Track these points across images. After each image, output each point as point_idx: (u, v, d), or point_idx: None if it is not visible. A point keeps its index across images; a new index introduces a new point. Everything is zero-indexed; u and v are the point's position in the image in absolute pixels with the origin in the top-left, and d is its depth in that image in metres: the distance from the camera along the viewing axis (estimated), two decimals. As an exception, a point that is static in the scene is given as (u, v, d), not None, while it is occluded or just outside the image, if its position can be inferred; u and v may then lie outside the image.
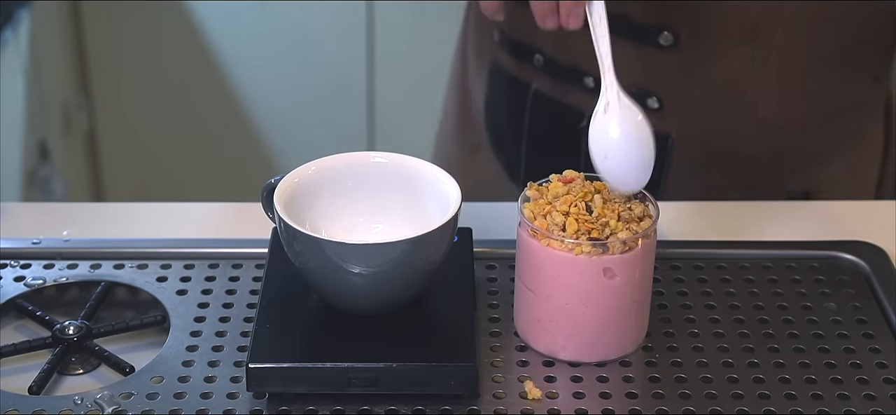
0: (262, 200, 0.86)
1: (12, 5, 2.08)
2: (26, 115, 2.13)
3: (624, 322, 0.83)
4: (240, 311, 0.88)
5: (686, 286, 0.91)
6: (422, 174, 0.87)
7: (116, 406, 0.79)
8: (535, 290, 0.83)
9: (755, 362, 0.83)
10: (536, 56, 1.14)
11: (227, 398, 0.80)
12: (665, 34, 1.08)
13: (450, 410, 0.79)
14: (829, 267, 0.94)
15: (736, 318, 0.88)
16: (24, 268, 0.93)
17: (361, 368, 0.79)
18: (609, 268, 0.80)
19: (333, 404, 0.79)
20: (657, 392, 0.81)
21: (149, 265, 0.93)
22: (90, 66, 2.39)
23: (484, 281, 0.91)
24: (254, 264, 0.93)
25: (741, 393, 0.80)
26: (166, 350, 0.84)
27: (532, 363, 0.83)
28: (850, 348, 0.85)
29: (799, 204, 1.07)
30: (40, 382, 0.81)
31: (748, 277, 0.92)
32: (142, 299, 0.91)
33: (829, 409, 0.79)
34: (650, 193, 0.84)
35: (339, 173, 0.88)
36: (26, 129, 2.13)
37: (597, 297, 0.81)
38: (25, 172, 2.13)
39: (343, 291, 0.82)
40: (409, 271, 0.81)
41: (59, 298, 0.92)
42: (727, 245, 0.96)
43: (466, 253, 0.89)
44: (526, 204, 0.83)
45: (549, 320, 0.83)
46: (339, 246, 0.79)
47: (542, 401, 0.80)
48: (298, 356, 0.80)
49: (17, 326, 0.90)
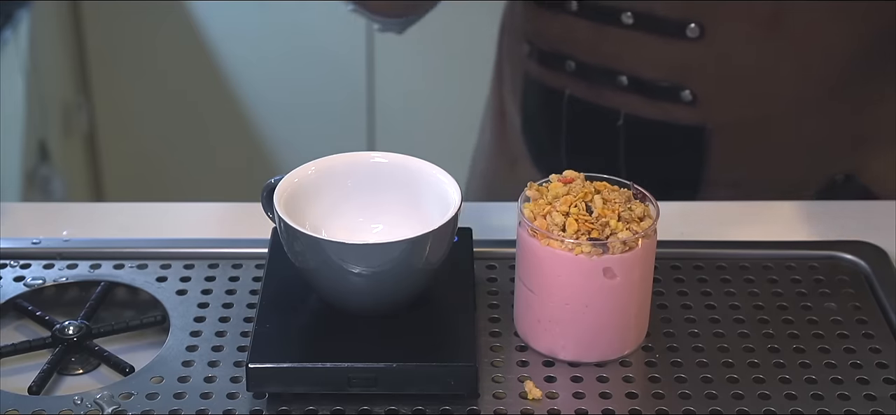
0: (262, 200, 0.86)
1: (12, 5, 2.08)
2: (26, 115, 2.13)
3: (624, 322, 0.83)
4: (240, 311, 0.88)
5: (686, 286, 0.91)
6: (422, 174, 0.87)
7: (116, 406, 0.79)
8: (536, 290, 0.83)
9: (755, 362, 0.83)
10: (567, 62, 1.15)
11: (227, 398, 0.80)
12: (691, 26, 1.08)
13: (450, 410, 0.79)
14: (829, 267, 0.94)
15: (736, 318, 0.88)
16: (23, 268, 0.93)
17: (361, 368, 0.79)
18: (609, 268, 0.80)
19: (333, 404, 0.79)
20: (657, 392, 0.81)
21: (149, 265, 0.93)
22: (90, 66, 2.39)
23: (484, 281, 0.91)
24: (254, 264, 0.93)
25: (741, 393, 0.80)
26: (166, 350, 0.84)
27: (532, 363, 0.83)
28: (850, 348, 0.85)
29: (799, 204, 1.07)
30: (40, 382, 0.81)
31: (748, 277, 0.92)
32: (142, 299, 0.91)
33: (829, 409, 0.79)
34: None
35: (339, 173, 0.88)
36: (26, 129, 2.13)
37: (597, 297, 0.81)
38: (25, 172, 2.13)
39: (343, 291, 0.82)
40: (409, 271, 0.81)
41: (58, 298, 0.92)
42: (727, 245, 0.96)
43: (466, 253, 0.89)
44: (526, 204, 0.83)
45: (549, 320, 0.83)
46: (339, 246, 0.79)
47: (542, 401, 0.80)
48: (298, 356, 0.80)
49: (16, 326, 0.90)
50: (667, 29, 1.09)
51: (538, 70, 1.18)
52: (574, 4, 1.12)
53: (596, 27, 1.12)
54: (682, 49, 1.09)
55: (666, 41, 1.10)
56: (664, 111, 1.12)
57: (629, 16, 1.10)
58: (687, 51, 1.09)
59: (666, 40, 1.09)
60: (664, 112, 1.12)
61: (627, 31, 1.10)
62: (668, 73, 1.11)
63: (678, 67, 1.11)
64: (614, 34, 1.11)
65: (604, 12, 1.11)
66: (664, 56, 1.10)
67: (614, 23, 1.11)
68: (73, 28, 2.35)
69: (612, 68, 1.13)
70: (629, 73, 1.12)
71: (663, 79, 1.11)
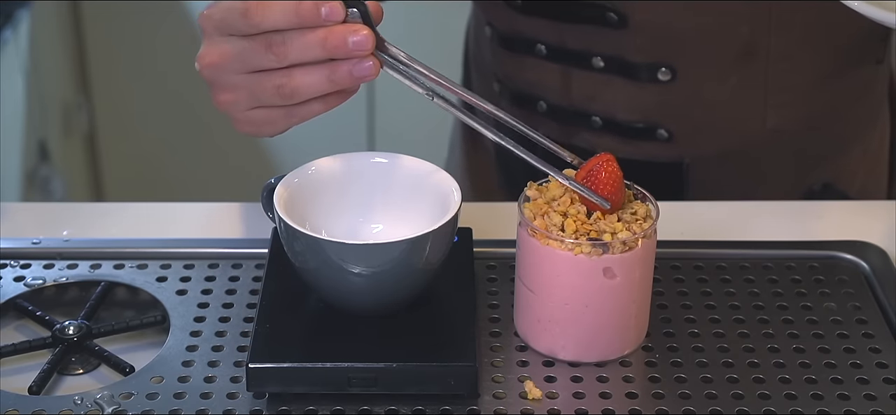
0: (262, 200, 0.86)
1: (12, 5, 2.08)
2: (26, 115, 2.13)
3: (624, 322, 0.83)
4: (240, 311, 0.88)
5: (686, 286, 0.91)
6: (422, 174, 0.87)
7: (116, 406, 0.79)
8: (536, 290, 0.83)
9: (755, 362, 0.83)
10: (539, 103, 1.14)
11: (227, 398, 0.80)
12: (663, 69, 1.08)
13: (450, 410, 0.79)
14: (829, 267, 0.94)
15: (736, 318, 0.88)
16: (24, 268, 0.93)
17: (361, 368, 0.79)
18: (609, 268, 0.80)
19: (333, 404, 0.79)
20: (657, 392, 0.81)
21: (149, 265, 0.93)
22: (90, 66, 2.39)
23: (484, 281, 0.91)
24: (254, 264, 0.93)
25: (741, 393, 0.80)
26: (166, 350, 0.84)
27: (532, 363, 0.83)
28: (850, 348, 0.85)
29: (799, 204, 1.07)
30: (40, 382, 0.81)
31: (748, 277, 0.92)
32: (142, 299, 0.91)
33: (829, 409, 0.79)
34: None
35: (339, 173, 0.88)
36: (26, 129, 2.13)
37: (597, 297, 0.81)
38: (25, 172, 2.13)
39: (343, 291, 0.82)
40: (409, 271, 0.81)
41: (59, 298, 0.92)
42: (727, 245, 0.96)
43: (466, 253, 0.89)
44: (526, 204, 0.83)
45: (549, 320, 0.83)
46: (339, 246, 0.79)
47: (542, 401, 0.80)
48: (298, 356, 0.80)
49: (17, 326, 0.90)
50: (638, 73, 1.08)
51: (510, 109, 1.15)
52: (543, 48, 1.11)
53: (566, 70, 1.11)
54: (655, 91, 1.09)
55: (638, 84, 1.09)
56: (640, 150, 1.11)
57: (599, 60, 1.09)
58: (660, 92, 1.09)
59: (638, 84, 1.09)
60: (640, 151, 1.11)
61: (599, 74, 1.09)
62: (642, 114, 1.10)
63: (652, 108, 1.10)
64: (586, 77, 1.10)
65: (573, 56, 1.10)
66: (637, 98, 1.09)
67: (585, 66, 1.09)
68: (73, 28, 2.35)
69: (586, 110, 1.11)
70: (602, 114, 1.11)
71: (638, 120, 1.10)
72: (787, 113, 1.11)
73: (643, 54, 1.08)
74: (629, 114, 1.10)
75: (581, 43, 1.09)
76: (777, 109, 1.10)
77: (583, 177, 0.81)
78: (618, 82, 1.09)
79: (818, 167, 1.14)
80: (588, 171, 0.81)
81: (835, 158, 1.14)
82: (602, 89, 1.10)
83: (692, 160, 1.11)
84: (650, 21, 1.06)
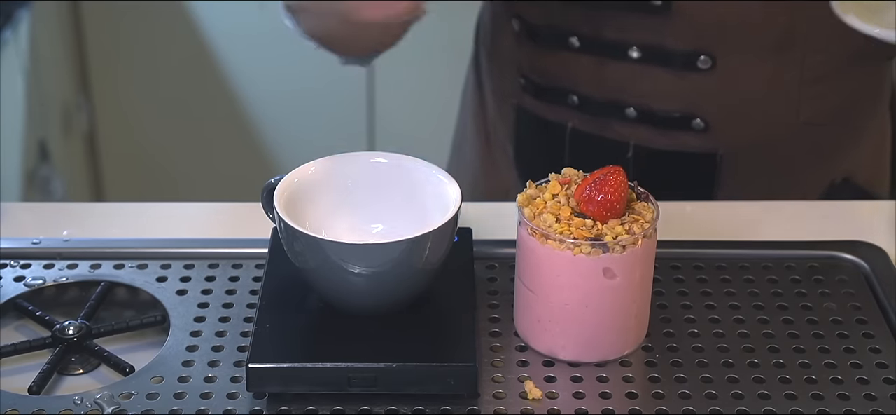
0: (262, 200, 0.86)
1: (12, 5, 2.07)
2: (26, 115, 2.13)
3: (624, 322, 0.83)
4: (240, 311, 0.88)
5: (686, 286, 0.91)
6: (422, 174, 0.87)
7: (116, 406, 0.79)
8: (535, 290, 0.83)
9: (755, 362, 0.83)
10: (570, 96, 1.12)
11: (227, 398, 0.80)
12: (702, 58, 1.07)
13: (450, 410, 0.79)
14: (829, 267, 0.94)
15: (736, 318, 0.88)
16: (24, 268, 0.93)
17: (361, 368, 0.79)
18: (609, 268, 0.80)
19: (333, 404, 0.79)
20: (657, 392, 0.81)
21: (149, 265, 0.93)
22: (90, 66, 2.39)
23: (484, 281, 0.91)
24: (254, 264, 0.93)
25: (741, 393, 0.80)
26: (166, 350, 0.84)
27: (532, 363, 0.83)
28: (850, 348, 0.85)
29: (799, 204, 1.07)
30: (40, 382, 0.81)
31: (748, 277, 0.92)
32: (142, 299, 0.91)
33: (829, 409, 0.79)
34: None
35: (339, 173, 0.88)
36: (26, 129, 2.13)
37: (597, 297, 0.81)
38: (25, 172, 2.13)
39: (343, 291, 0.82)
40: (409, 271, 0.81)
41: (59, 298, 0.92)
42: (727, 245, 0.96)
43: (466, 253, 0.89)
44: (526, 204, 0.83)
45: (549, 320, 0.83)
46: (339, 246, 0.79)
47: (542, 401, 0.80)
48: (298, 356, 0.80)
49: (17, 326, 0.90)
50: (677, 62, 1.08)
51: (535, 103, 1.15)
52: (575, 41, 1.10)
53: (600, 62, 1.10)
54: (693, 80, 1.08)
55: (676, 74, 1.08)
56: (675, 140, 1.11)
57: (636, 50, 1.08)
58: (698, 81, 1.08)
59: (676, 73, 1.08)
60: (675, 141, 1.11)
61: (634, 64, 1.08)
62: (679, 104, 1.09)
63: (689, 98, 1.09)
64: (620, 68, 1.09)
65: (608, 47, 1.09)
66: (674, 88, 1.09)
67: (620, 57, 1.08)
68: (73, 28, 2.35)
69: (619, 101, 1.10)
70: (637, 105, 1.10)
71: (674, 110, 1.09)
72: (819, 105, 1.10)
73: (683, 42, 1.07)
74: (665, 103, 1.09)
75: (618, 32, 1.08)
76: (810, 101, 1.10)
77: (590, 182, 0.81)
78: (654, 72, 1.08)
79: (838, 161, 1.14)
80: (596, 177, 0.81)
81: (851, 152, 1.14)
82: (637, 80, 1.09)
83: (726, 152, 1.11)
84: (693, 6, 1.05)
